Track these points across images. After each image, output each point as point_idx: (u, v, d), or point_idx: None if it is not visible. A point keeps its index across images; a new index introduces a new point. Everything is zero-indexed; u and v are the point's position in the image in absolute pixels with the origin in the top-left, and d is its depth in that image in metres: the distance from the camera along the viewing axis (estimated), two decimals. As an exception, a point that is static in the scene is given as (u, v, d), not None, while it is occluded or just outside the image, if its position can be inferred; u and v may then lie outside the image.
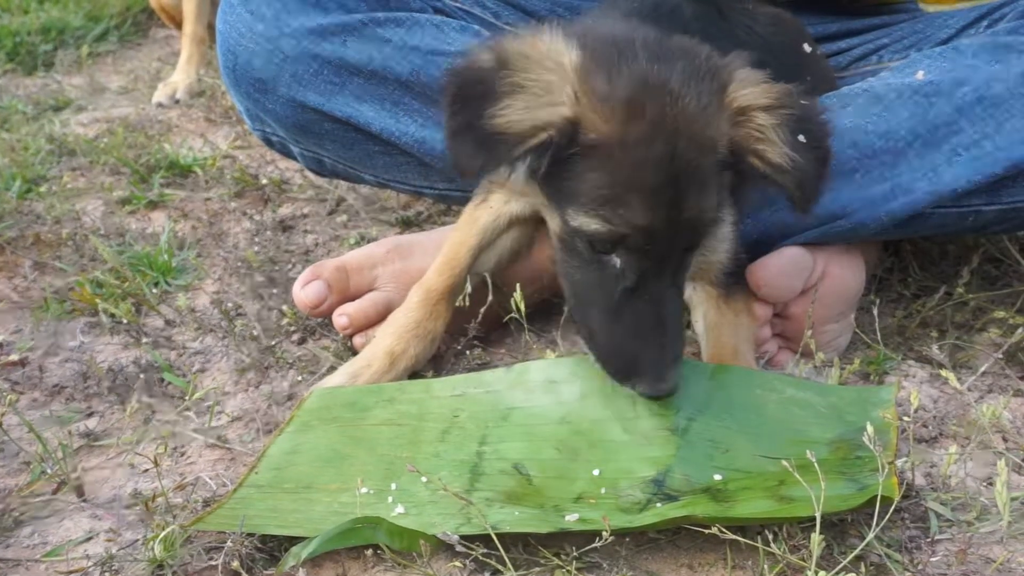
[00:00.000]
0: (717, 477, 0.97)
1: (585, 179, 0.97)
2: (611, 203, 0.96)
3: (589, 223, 0.98)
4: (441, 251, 1.28)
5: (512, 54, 0.97)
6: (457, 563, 0.92)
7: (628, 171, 0.95)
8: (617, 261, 1.00)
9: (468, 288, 1.25)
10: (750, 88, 1.01)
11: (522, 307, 1.22)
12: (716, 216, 1.03)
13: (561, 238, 1.05)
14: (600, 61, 0.97)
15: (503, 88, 0.94)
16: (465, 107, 0.95)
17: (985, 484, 1.04)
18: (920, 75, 1.26)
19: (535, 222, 1.33)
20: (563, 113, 0.95)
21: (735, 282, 1.22)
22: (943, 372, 1.12)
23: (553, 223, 1.07)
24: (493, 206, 1.28)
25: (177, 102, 2.49)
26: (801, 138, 1.00)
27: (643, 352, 0.99)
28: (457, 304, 1.26)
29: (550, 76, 0.96)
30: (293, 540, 0.96)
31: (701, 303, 1.23)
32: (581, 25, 1.07)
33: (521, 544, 0.96)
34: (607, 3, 1.26)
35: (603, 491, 0.97)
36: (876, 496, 0.91)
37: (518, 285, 1.24)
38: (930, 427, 1.14)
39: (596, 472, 0.99)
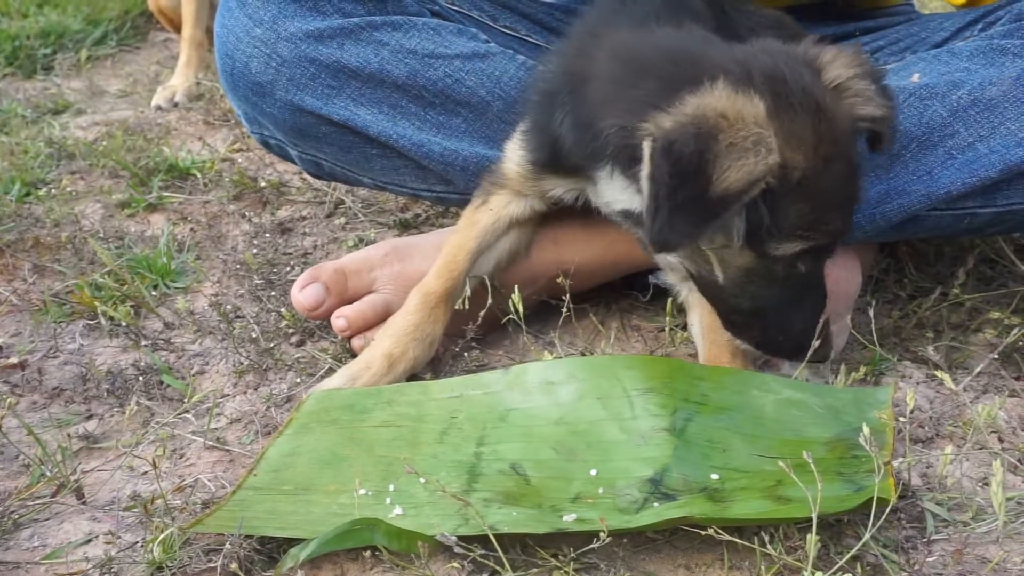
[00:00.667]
0: (714, 477, 0.98)
1: (790, 212, 1.01)
2: (816, 224, 1.03)
3: (794, 247, 1.04)
4: (440, 254, 1.28)
5: (712, 117, 0.96)
6: (455, 564, 0.92)
7: (826, 193, 1.02)
8: (803, 266, 1.07)
9: (467, 291, 1.25)
10: (837, 65, 1.07)
11: (520, 309, 1.23)
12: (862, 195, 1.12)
13: (747, 269, 1.08)
14: (779, 102, 1.00)
15: (718, 152, 0.94)
16: (685, 181, 0.95)
17: (981, 484, 1.05)
18: (915, 78, 1.27)
19: (534, 224, 1.34)
20: (774, 160, 0.97)
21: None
22: (938, 373, 1.12)
23: (728, 261, 1.08)
24: (493, 209, 1.28)
25: (176, 105, 2.49)
26: (884, 82, 1.10)
27: (816, 324, 1.09)
28: (456, 307, 1.26)
29: (754, 129, 0.96)
30: (292, 542, 0.96)
31: (697, 305, 1.23)
32: (726, 60, 1.05)
33: (519, 545, 0.96)
34: (604, 8, 1.26)
35: (600, 491, 0.98)
36: (873, 497, 0.91)
37: (516, 287, 1.25)
38: (926, 427, 1.15)
39: (593, 472, 1.00)
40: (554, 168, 1.21)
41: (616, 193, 1.12)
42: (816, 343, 1.09)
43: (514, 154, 1.25)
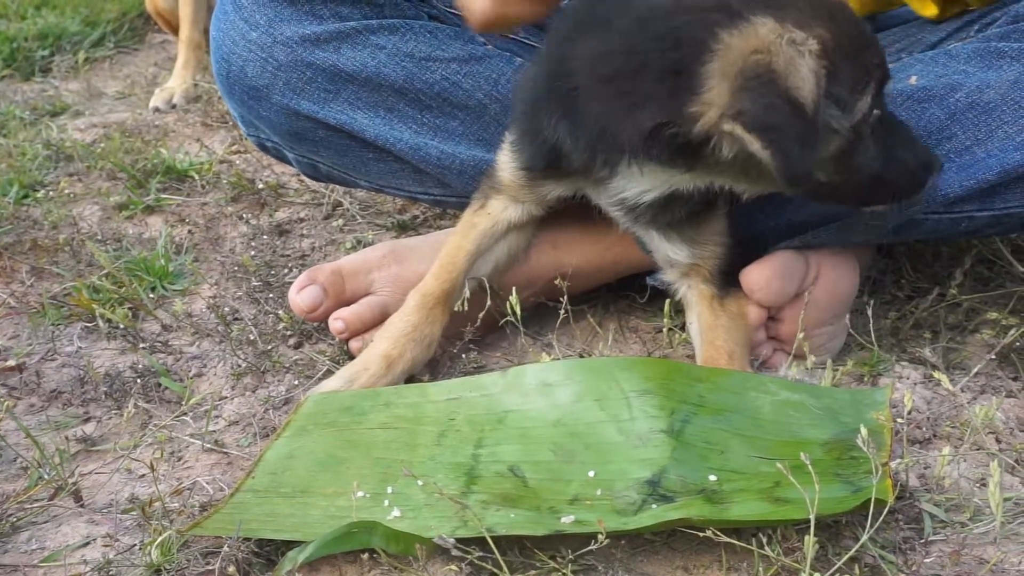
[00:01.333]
0: (712, 479, 0.98)
1: (844, 77, 1.02)
2: (866, 68, 1.04)
3: (865, 100, 1.04)
4: (439, 256, 1.28)
5: (752, 63, 0.99)
6: (453, 567, 0.92)
7: (857, 39, 1.05)
8: (877, 110, 1.07)
9: (466, 293, 1.25)
10: None
11: (518, 311, 1.23)
12: None
13: (844, 151, 1.07)
14: (773, 8, 1.02)
15: (785, 80, 0.98)
16: (790, 121, 0.98)
17: (978, 485, 1.05)
18: (913, 80, 1.27)
19: (532, 228, 1.34)
20: (814, 46, 1.00)
21: (730, 284, 1.23)
22: (936, 374, 1.12)
23: (830, 155, 1.08)
24: (491, 212, 1.28)
25: (174, 107, 2.49)
26: None
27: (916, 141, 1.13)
28: (455, 309, 1.26)
29: (780, 42, 0.99)
30: (289, 544, 0.96)
31: (695, 304, 1.23)
32: None
33: (517, 547, 0.96)
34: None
35: (598, 493, 0.98)
36: (871, 498, 0.92)
37: (514, 289, 1.25)
38: (923, 428, 1.15)
39: (591, 474, 1.00)
40: (552, 173, 1.21)
41: (642, 183, 1.13)
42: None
43: (507, 165, 1.25)
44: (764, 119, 0.97)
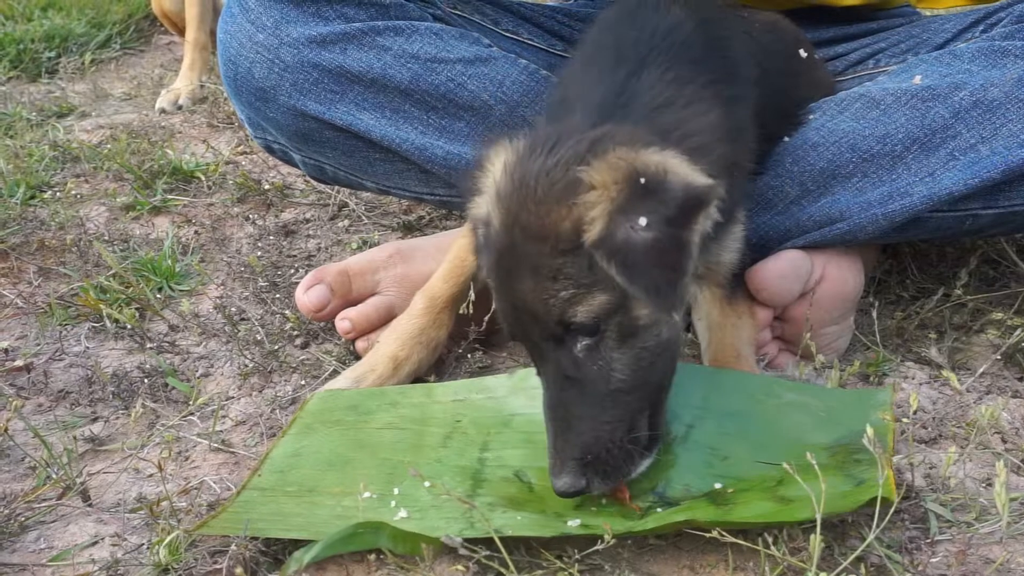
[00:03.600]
0: (717, 486, 0.98)
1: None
2: (495, 290, 0.99)
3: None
4: (446, 258, 1.28)
5: (483, 160, 1.03)
6: (460, 567, 0.92)
7: (491, 262, 0.98)
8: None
9: (471, 295, 1.26)
10: (601, 169, 0.91)
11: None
12: (568, 308, 0.92)
13: None
14: (513, 161, 0.98)
15: (473, 188, 1.03)
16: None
17: (984, 485, 1.05)
18: (917, 79, 1.27)
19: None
20: (484, 211, 1.01)
21: (737, 283, 1.23)
22: (944, 372, 1.12)
23: None
24: None
25: (180, 108, 2.50)
26: (642, 220, 0.88)
27: (548, 440, 0.95)
28: (460, 311, 1.27)
29: (488, 179, 1.01)
30: (296, 543, 0.97)
31: (705, 303, 1.23)
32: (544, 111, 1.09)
33: (523, 547, 0.96)
34: (602, 29, 1.26)
35: (604, 500, 0.98)
36: (876, 497, 0.91)
37: None
38: (929, 428, 1.15)
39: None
40: None
41: None
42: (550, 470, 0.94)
43: None
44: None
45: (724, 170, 1.01)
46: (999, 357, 1.26)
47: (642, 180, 0.90)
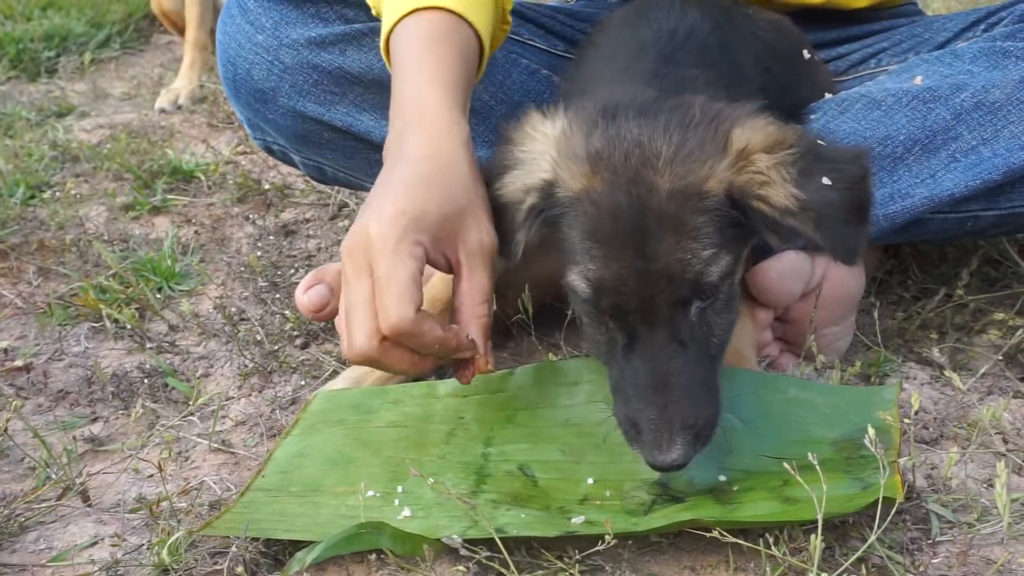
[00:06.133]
0: (722, 478, 0.98)
1: (568, 237, 0.98)
2: (587, 258, 0.95)
3: (575, 281, 0.97)
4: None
5: (515, 133, 1.01)
6: (461, 567, 0.92)
7: (594, 224, 0.95)
8: (610, 320, 0.97)
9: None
10: (751, 131, 0.95)
11: (530, 308, 1.22)
12: (706, 268, 0.93)
13: (572, 299, 1.04)
14: (581, 126, 0.98)
15: (505, 163, 1.01)
16: (489, 186, 1.02)
17: (986, 486, 1.05)
18: (918, 80, 1.27)
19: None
20: (543, 176, 0.98)
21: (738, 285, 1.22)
22: (946, 372, 1.12)
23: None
24: None
25: (179, 108, 2.50)
26: (825, 180, 0.93)
27: (642, 416, 0.92)
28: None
29: (537, 145, 1.00)
30: (297, 544, 0.96)
31: None
32: (582, 98, 1.07)
33: (524, 547, 0.96)
34: (616, 26, 1.26)
35: (608, 493, 0.98)
36: (879, 498, 0.91)
37: (527, 286, 1.24)
38: (931, 429, 1.15)
39: (601, 474, 1.00)
40: None
41: None
42: (646, 443, 0.92)
43: None
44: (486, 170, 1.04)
45: None
46: (1001, 358, 1.26)
47: (814, 147, 0.95)
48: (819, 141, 0.98)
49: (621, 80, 1.10)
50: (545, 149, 0.99)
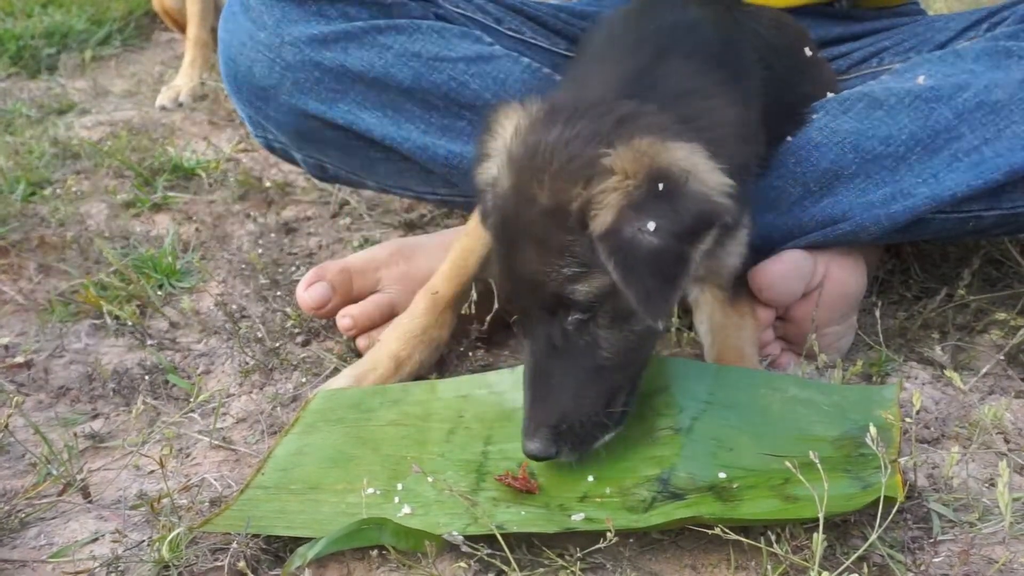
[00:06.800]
0: (722, 475, 0.98)
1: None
2: (495, 257, 1.00)
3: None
4: (448, 258, 1.28)
5: (492, 123, 1.03)
6: (462, 563, 0.92)
7: (496, 227, 1.00)
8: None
9: (473, 295, 1.25)
10: (628, 152, 0.90)
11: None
12: (568, 285, 0.93)
13: None
14: (527, 125, 0.98)
15: (480, 152, 1.04)
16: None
17: (987, 485, 1.05)
18: (921, 80, 1.27)
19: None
20: (493, 173, 1.02)
21: (739, 284, 1.23)
22: (948, 372, 1.12)
23: None
24: None
25: (180, 105, 2.49)
26: (651, 224, 0.87)
27: (526, 409, 0.98)
28: (462, 311, 1.26)
29: (498, 141, 1.02)
30: (297, 540, 0.96)
31: (707, 304, 1.23)
32: (557, 90, 1.09)
33: (525, 544, 0.96)
34: (617, 23, 1.25)
35: (608, 490, 0.98)
36: (879, 496, 0.91)
37: None
38: (932, 428, 1.15)
39: (601, 471, 1.00)
40: None
41: None
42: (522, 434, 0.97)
43: None
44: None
45: (736, 171, 1.01)
46: (1002, 357, 1.26)
47: (660, 185, 0.89)
48: (684, 177, 0.90)
49: (610, 74, 1.10)
50: (500, 146, 1.01)
